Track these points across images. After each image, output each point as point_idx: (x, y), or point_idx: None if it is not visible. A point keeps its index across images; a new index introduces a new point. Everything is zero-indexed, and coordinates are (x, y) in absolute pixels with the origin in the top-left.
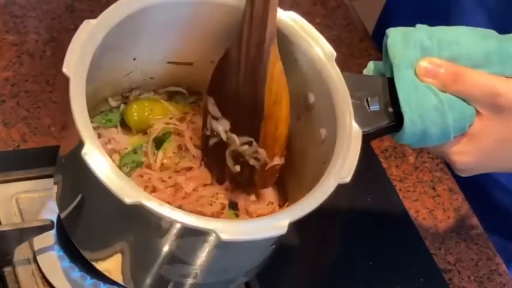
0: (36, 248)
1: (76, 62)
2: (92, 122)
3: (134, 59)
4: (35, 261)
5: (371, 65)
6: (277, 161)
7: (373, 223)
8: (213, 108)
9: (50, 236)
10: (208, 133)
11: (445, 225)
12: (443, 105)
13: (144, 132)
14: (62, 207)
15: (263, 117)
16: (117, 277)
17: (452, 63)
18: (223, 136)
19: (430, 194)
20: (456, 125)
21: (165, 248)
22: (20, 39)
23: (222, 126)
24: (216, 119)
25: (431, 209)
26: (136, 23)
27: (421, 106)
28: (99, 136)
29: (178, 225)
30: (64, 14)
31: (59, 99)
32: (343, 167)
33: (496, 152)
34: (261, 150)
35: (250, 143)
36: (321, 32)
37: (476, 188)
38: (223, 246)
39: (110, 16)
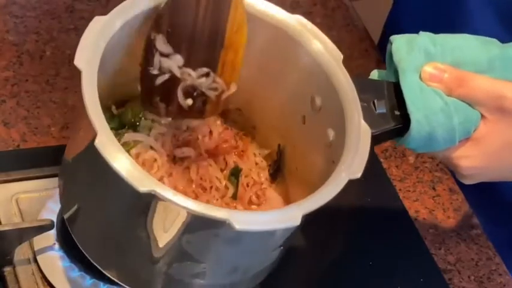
0: (36, 248)
1: (87, 55)
2: None
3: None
4: (35, 261)
5: (375, 73)
6: (234, 87)
7: (373, 223)
8: (163, 46)
9: (50, 236)
10: (156, 72)
11: (445, 225)
12: (449, 107)
13: None
14: (66, 207)
15: (223, 46)
16: (125, 281)
17: (456, 68)
18: (177, 72)
19: (430, 194)
20: (461, 128)
21: (176, 244)
22: (20, 39)
23: (174, 62)
24: (166, 56)
25: (431, 209)
26: (141, 25)
27: (427, 108)
28: None
29: (190, 216)
30: (64, 14)
31: (59, 99)
32: (353, 163)
33: (501, 155)
34: (220, 80)
35: (206, 74)
36: None
37: (481, 185)
38: (233, 241)
39: (120, 13)
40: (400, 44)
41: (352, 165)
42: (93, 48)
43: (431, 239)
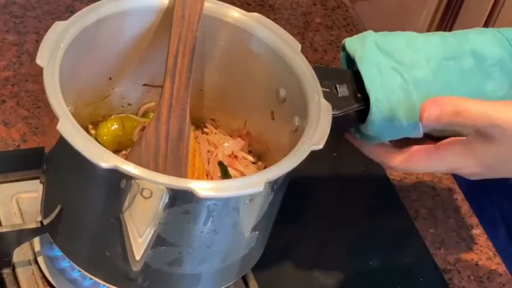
0: (36, 249)
1: (49, 54)
2: None
3: (110, 79)
4: (36, 262)
5: None
6: None
7: (373, 223)
8: None
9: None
10: None
11: (445, 225)
12: (407, 84)
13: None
14: (45, 212)
15: None
16: (107, 280)
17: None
18: None
19: (430, 194)
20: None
21: (148, 226)
22: (20, 39)
23: None
24: None
25: (431, 209)
26: (108, 30)
27: (386, 85)
28: None
29: (155, 189)
30: (64, 14)
31: None
32: (314, 135)
33: (498, 168)
34: None
35: None
36: (321, 32)
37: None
38: (203, 216)
39: (80, 18)
40: (352, 40)
41: (314, 137)
42: (53, 48)
43: (432, 239)
